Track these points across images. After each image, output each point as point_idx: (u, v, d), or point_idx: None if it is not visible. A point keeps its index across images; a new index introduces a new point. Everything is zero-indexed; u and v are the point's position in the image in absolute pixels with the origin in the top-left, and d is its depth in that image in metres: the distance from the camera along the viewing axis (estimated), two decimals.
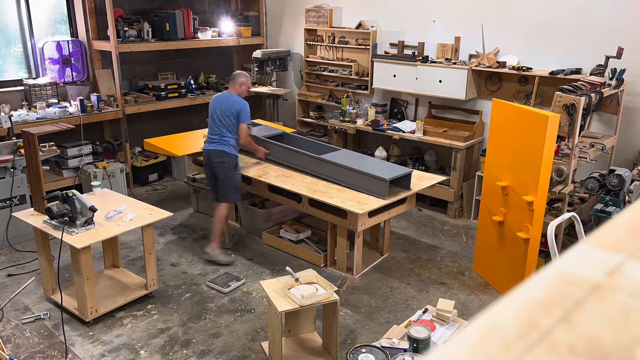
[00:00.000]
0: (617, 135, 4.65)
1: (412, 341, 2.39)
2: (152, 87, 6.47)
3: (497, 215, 4.06)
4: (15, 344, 3.47)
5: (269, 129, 5.65)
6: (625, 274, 0.39)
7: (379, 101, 6.42)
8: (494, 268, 4.22)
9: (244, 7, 7.49)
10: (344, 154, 4.88)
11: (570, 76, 4.71)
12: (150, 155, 6.49)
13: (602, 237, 0.44)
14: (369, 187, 4.26)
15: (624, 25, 4.57)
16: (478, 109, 5.62)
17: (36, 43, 5.89)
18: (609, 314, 0.36)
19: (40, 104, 5.62)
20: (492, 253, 4.21)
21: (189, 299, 4.04)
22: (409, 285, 4.30)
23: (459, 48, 5.61)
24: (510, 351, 0.35)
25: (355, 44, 6.44)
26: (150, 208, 4.01)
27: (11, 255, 4.67)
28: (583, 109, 3.80)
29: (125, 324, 3.71)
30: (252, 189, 4.96)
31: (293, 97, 7.20)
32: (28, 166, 3.97)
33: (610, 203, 3.68)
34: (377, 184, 4.21)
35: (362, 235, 4.41)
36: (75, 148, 5.55)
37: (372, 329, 3.71)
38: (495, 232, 4.16)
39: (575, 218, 3.17)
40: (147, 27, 6.24)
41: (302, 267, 4.33)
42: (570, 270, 0.41)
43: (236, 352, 3.44)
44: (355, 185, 4.37)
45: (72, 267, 3.70)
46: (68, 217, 3.51)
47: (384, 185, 4.17)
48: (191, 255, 4.74)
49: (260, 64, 6.81)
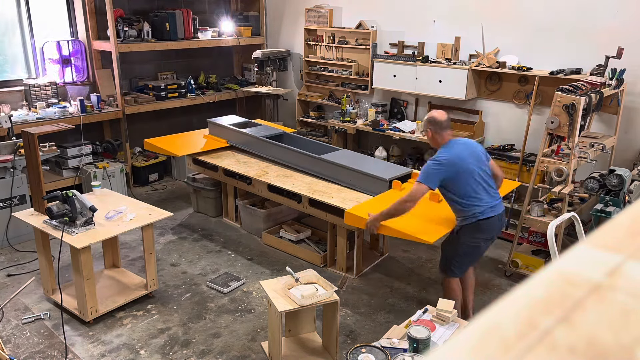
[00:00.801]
0: (617, 135, 4.65)
1: (412, 341, 2.39)
2: (152, 87, 6.47)
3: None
4: (15, 344, 3.47)
5: (269, 128, 5.65)
6: (625, 274, 0.39)
7: (379, 101, 6.42)
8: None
9: (244, 7, 7.49)
10: (343, 154, 4.88)
11: (570, 76, 4.71)
12: (150, 155, 6.49)
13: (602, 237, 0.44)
14: (369, 187, 4.27)
15: (624, 25, 4.56)
16: (478, 109, 5.62)
17: (36, 43, 5.89)
18: (609, 314, 0.36)
19: (40, 104, 5.62)
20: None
21: (189, 299, 4.04)
22: (409, 285, 4.30)
23: (459, 48, 5.61)
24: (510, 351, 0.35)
25: (355, 44, 6.44)
26: (150, 208, 4.01)
27: (11, 255, 4.67)
28: (583, 109, 3.80)
29: (125, 324, 3.71)
30: (252, 189, 4.96)
31: (293, 97, 7.20)
32: (28, 166, 3.96)
33: (610, 203, 3.68)
34: (376, 184, 4.21)
35: (362, 236, 4.41)
36: (75, 148, 5.55)
37: (372, 329, 3.71)
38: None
39: (575, 218, 3.17)
40: (147, 27, 6.24)
41: (302, 267, 4.33)
42: (570, 270, 0.41)
43: (236, 352, 3.44)
44: (355, 185, 4.37)
45: (72, 267, 3.69)
46: (68, 217, 3.51)
47: (383, 185, 4.17)
48: (191, 255, 4.74)
49: (260, 64, 6.81)
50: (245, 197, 5.23)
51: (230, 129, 5.52)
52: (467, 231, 3.34)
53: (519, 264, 4.33)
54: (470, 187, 3.26)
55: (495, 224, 3.34)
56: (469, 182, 3.26)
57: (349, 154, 4.98)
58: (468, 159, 3.28)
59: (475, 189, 3.27)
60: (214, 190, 5.49)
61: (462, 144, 3.38)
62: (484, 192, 3.30)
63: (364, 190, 4.27)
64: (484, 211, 3.27)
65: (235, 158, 5.23)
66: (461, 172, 3.25)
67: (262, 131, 5.46)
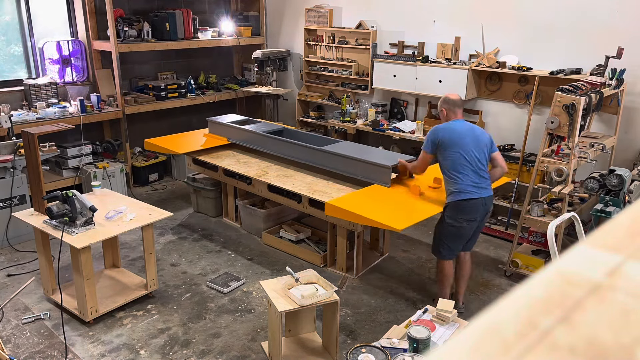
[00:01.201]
0: (617, 135, 4.65)
1: (412, 341, 2.39)
2: (152, 87, 6.47)
3: None
4: (15, 344, 3.47)
5: (269, 125, 5.68)
6: (625, 274, 0.39)
7: (379, 101, 6.42)
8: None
9: (244, 7, 7.49)
10: (344, 145, 4.88)
11: (570, 76, 4.71)
12: (150, 155, 6.49)
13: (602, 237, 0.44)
14: (372, 175, 4.27)
15: (624, 25, 4.56)
16: (478, 109, 5.62)
17: (36, 43, 5.89)
18: (609, 314, 0.36)
19: (40, 104, 5.61)
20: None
21: (189, 299, 4.04)
22: (409, 285, 4.30)
23: (459, 48, 5.61)
24: (510, 351, 0.35)
25: (355, 44, 6.44)
26: (150, 208, 4.01)
27: (11, 255, 4.67)
28: (583, 109, 3.80)
29: (125, 324, 3.71)
30: (252, 189, 4.96)
31: (293, 97, 7.20)
32: (28, 166, 3.96)
33: (610, 203, 3.68)
34: (379, 172, 4.22)
35: (362, 235, 4.41)
36: (75, 148, 5.55)
37: (372, 329, 3.71)
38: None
39: (575, 218, 3.17)
40: (147, 27, 6.24)
41: (302, 267, 4.33)
42: (570, 270, 0.41)
43: (236, 352, 3.44)
44: (358, 175, 4.38)
45: (72, 267, 3.69)
46: (68, 217, 3.51)
47: (386, 173, 4.18)
48: (191, 255, 4.74)
49: (260, 64, 6.81)
50: (245, 197, 5.23)
51: (231, 126, 5.53)
52: (451, 210, 3.55)
53: (519, 264, 4.33)
54: (459, 162, 3.46)
55: (477, 206, 3.50)
56: (460, 157, 3.46)
57: (351, 145, 4.97)
58: (466, 137, 3.50)
59: (464, 165, 3.46)
60: (214, 190, 5.49)
61: (467, 125, 3.62)
62: (473, 172, 3.47)
63: (367, 179, 4.29)
64: (467, 188, 3.45)
65: (236, 158, 5.23)
66: (454, 144, 3.48)
67: (262, 127, 5.46)
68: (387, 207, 3.83)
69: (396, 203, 3.92)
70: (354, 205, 3.82)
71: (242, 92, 7.20)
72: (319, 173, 4.73)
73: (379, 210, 3.74)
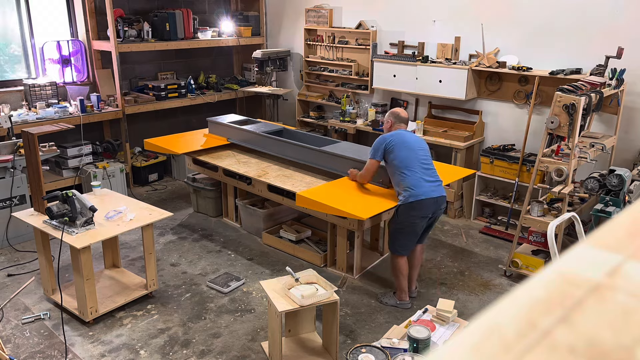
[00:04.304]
0: (617, 135, 4.65)
1: (412, 341, 2.39)
2: (152, 87, 6.47)
3: None
4: (15, 344, 3.47)
5: (269, 125, 5.68)
6: (625, 274, 0.39)
7: (379, 101, 6.42)
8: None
9: (244, 7, 7.49)
10: (344, 146, 4.88)
11: (570, 76, 4.71)
12: (150, 155, 6.49)
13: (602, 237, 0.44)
14: None
15: (624, 25, 4.57)
16: (478, 109, 5.62)
17: (36, 43, 5.89)
18: (609, 314, 0.36)
19: (40, 104, 5.61)
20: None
21: (189, 299, 4.04)
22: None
23: (459, 48, 5.62)
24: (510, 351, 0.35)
25: (355, 44, 6.44)
26: (150, 208, 4.01)
27: (11, 255, 4.67)
28: (583, 109, 3.80)
29: (125, 324, 3.71)
30: (252, 189, 4.96)
31: (293, 97, 7.20)
32: (28, 166, 3.96)
33: (610, 203, 3.68)
34: (379, 173, 4.22)
35: (362, 236, 4.41)
36: (75, 148, 5.55)
37: (372, 329, 3.71)
38: None
39: (575, 218, 3.17)
40: (147, 27, 6.24)
41: (302, 267, 4.33)
42: (570, 270, 0.41)
43: (236, 352, 3.44)
44: None
45: (72, 267, 3.69)
46: (68, 217, 3.51)
47: (386, 173, 4.18)
48: (191, 255, 4.74)
49: (260, 64, 6.81)
50: (245, 197, 5.23)
51: (230, 126, 5.53)
52: (404, 210, 3.74)
53: (519, 264, 4.33)
54: (408, 159, 3.73)
55: (429, 204, 3.69)
56: (410, 154, 3.75)
57: (350, 145, 4.98)
58: (410, 141, 3.83)
59: (413, 162, 3.73)
60: (214, 190, 5.49)
61: (409, 132, 3.98)
62: (422, 170, 3.74)
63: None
64: (419, 183, 3.68)
65: (235, 158, 5.23)
66: (402, 145, 3.78)
67: (262, 127, 5.47)
68: (355, 199, 4.02)
69: (365, 195, 4.12)
70: (324, 196, 4.01)
71: (242, 92, 7.20)
72: (318, 173, 4.74)
73: (348, 201, 3.92)
